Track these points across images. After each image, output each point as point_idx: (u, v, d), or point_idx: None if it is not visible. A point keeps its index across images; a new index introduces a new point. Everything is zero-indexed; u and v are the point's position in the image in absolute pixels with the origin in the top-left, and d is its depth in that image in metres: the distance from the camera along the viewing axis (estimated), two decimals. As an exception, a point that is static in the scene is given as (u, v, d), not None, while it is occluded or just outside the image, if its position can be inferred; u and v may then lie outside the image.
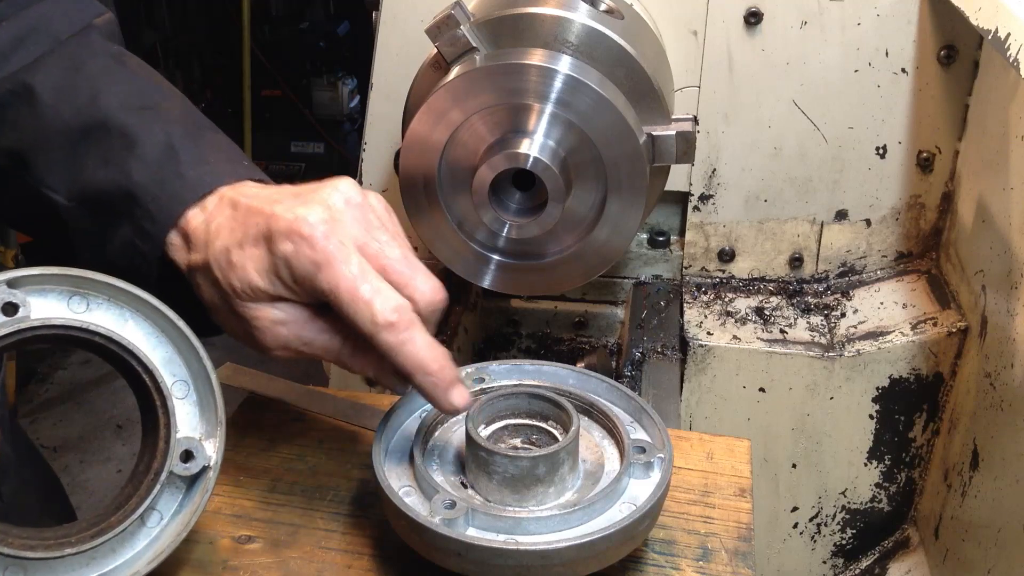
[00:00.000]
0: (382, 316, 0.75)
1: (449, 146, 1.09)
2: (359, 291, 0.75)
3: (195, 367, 0.78)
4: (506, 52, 1.08)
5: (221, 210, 0.82)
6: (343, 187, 0.81)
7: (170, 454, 0.75)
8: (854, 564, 1.56)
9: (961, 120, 1.39)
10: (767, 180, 1.44)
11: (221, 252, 0.79)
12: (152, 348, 0.76)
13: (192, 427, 0.78)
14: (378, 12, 1.43)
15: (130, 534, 0.75)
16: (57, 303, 0.73)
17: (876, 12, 1.33)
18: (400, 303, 0.76)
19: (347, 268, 0.76)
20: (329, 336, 0.82)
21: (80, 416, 3.53)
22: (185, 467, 0.76)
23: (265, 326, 0.81)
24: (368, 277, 0.76)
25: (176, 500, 0.78)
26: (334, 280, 0.76)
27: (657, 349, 1.36)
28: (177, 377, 0.77)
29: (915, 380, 1.41)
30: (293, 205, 0.78)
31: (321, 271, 0.76)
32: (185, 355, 0.77)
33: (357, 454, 0.98)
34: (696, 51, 1.37)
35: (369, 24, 1.47)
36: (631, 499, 0.80)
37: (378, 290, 0.76)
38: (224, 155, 0.88)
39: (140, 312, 0.76)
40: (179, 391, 0.77)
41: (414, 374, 0.78)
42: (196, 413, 0.78)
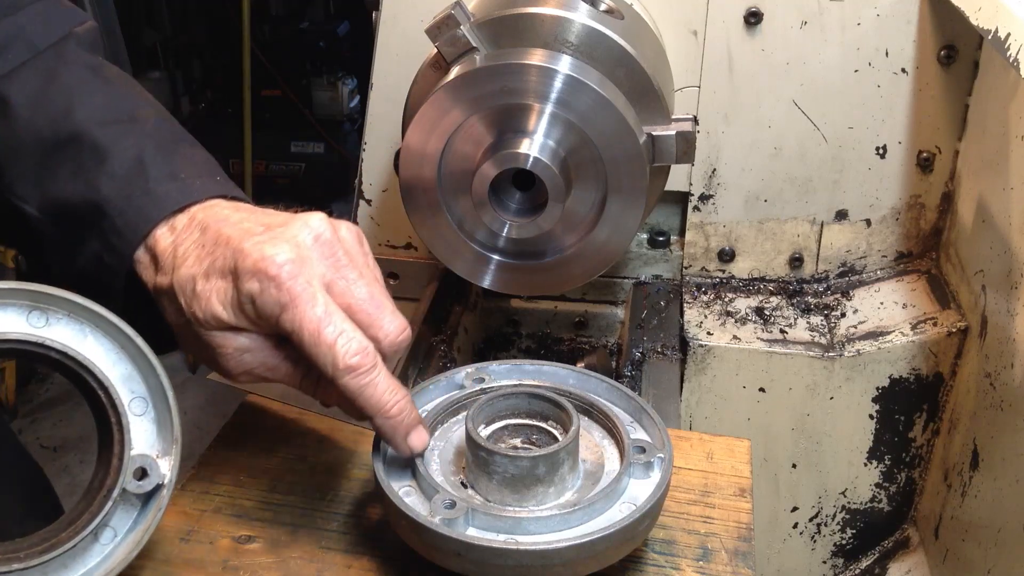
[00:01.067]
0: (343, 361, 0.76)
1: (449, 146, 1.09)
2: (323, 334, 0.76)
3: (153, 384, 0.77)
4: (506, 52, 1.08)
5: (190, 233, 0.82)
6: (313, 223, 0.80)
7: (124, 471, 0.75)
8: (854, 564, 1.56)
9: (961, 120, 1.39)
10: (767, 180, 1.44)
11: (187, 280, 0.80)
12: (111, 364, 0.76)
13: (148, 444, 0.77)
14: (378, 12, 1.43)
15: (82, 550, 0.75)
16: (16, 317, 0.73)
17: (876, 12, 1.33)
18: (362, 346, 0.77)
19: (312, 310, 0.76)
20: (292, 365, 0.83)
21: (80, 416, 3.53)
22: (139, 484, 0.76)
23: (229, 353, 0.81)
24: (333, 319, 0.76)
25: (130, 517, 0.77)
26: (298, 321, 0.76)
27: (657, 349, 1.36)
28: (135, 394, 0.77)
29: (915, 380, 1.41)
30: (261, 241, 0.78)
31: (285, 311, 0.76)
32: (144, 372, 0.77)
33: (357, 454, 0.98)
34: (696, 51, 1.37)
35: (369, 24, 1.47)
36: (631, 499, 0.80)
37: (342, 332, 0.76)
38: (197, 170, 0.87)
39: (100, 328, 0.76)
40: (137, 408, 0.77)
41: (374, 417, 0.80)
42: (153, 431, 0.78)
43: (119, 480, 0.75)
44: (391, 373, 0.80)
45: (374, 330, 0.79)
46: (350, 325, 0.77)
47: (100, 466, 0.76)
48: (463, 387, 0.92)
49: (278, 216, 0.83)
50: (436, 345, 1.34)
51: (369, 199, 1.54)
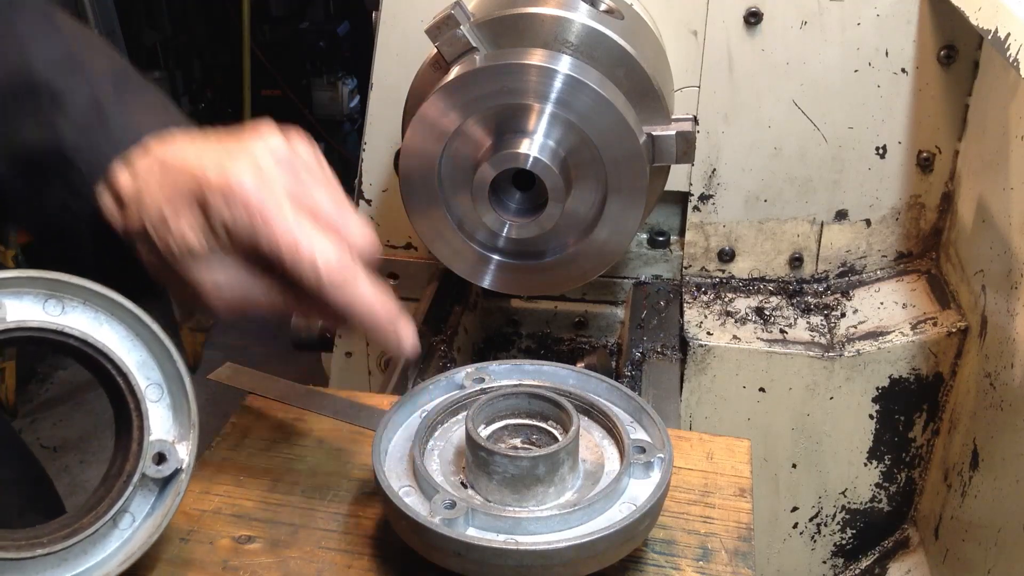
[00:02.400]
0: (326, 273, 0.77)
1: (449, 146, 1.09)
2: (300, 248, 0.76)
3: (169, 370, 0.78)
4: (506, 52, 1.08)
5: (150, 170, 0.82)
6: (270, 140, 0.81)
7: (143, 456, 0.76)
8: (854, 564, 1.56)
9: (961, 120, 1.39)
10: (767, 180, 1.44)
11: (156, 216, 0.80)
12: (127, 351, 0.77)
13: (165, 430, 0.78)
14: (378, 12, 1.43)
15: (102, 536, 0.75)
16: (33, 306, 0.74)
17: (876, 12, 1.33)
18: (341, 254, 0.78)
19: (284, 224, 0.76)
20: (273, 291, 0.83)
21: (80, 416, 3.53)
22: (158, 469, 0.76)
23: (209, 289, 0.81)
24: (305, 231, 0.77)
25: (148, 502, 0.78)
26: (273, 238, 0.76)
27: (657, 349, 1.36)
28: (151, 380, 0.78)
29: (915, 380, 1.41)
30: (221, 161, 0.78)
31: (258, 230, 0.76)
32: (159, 358, 0.78)
33: (357, 454, 0.98)
34: (696, 51, 1.37)
35: (369, 24, 1.47)
36: (631, 499, 0.80)
37: (318, 244, 0.77)
38: (150, 107, 0.88)
39: (115, 315, 0.76)
40: (153, 394, 0.78)
41: (362, 321, 0.80)
42: (169, 416, 0.78)
43: (138, 465, 0.75)
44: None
45: (342, 236, 0.79)
46: (323, 238, 0.78)
47: (118, 452, 0.77)
48: (463, 387, 0.92)
49: (231, 136, 0.84)
50: (436, 345, 1.34)
51: (369, 199, 1.54)
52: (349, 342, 1.63)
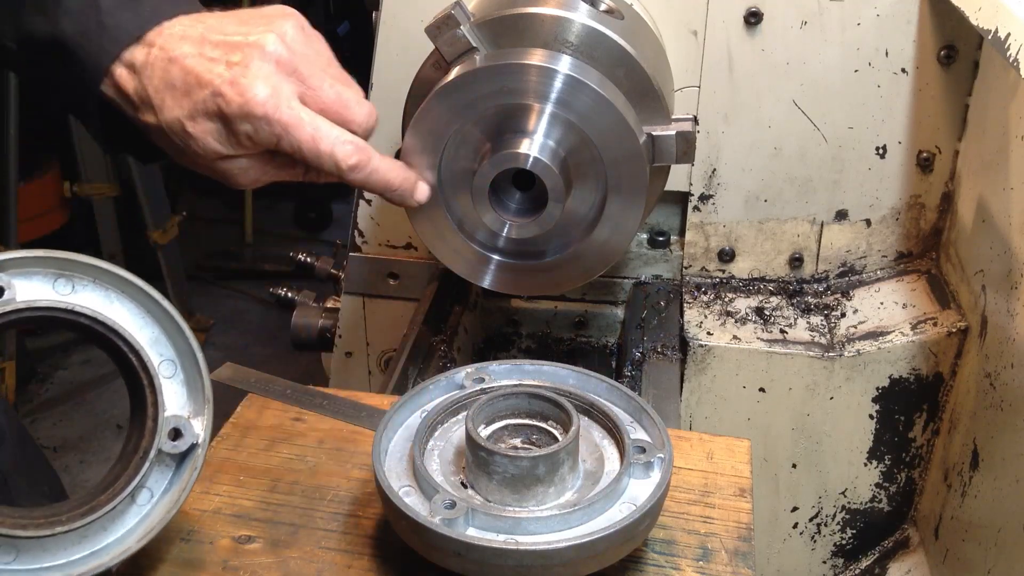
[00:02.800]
0: (345, 162, 0.89)
1: (449, 146, 1.09)
2: (320, 147, 0.87)
3: (181, 346, 0.79)
4: (506, 52, 1.08)
5: (154, 70, 0.85)
6: (270, 47, 0.88)
7: (158, 432, 0.76)
8: (854, 564, 1.56)
9: (961, 120, 1.39)
10: (767, 180, 1.44)
11: (175, 123, 0.85)
12: (138, 328, 0.77)
13: (180, 406, 0.79)
14: (378, 12, 1.43)
15: (120, 512, 0.76)
16: (43, 285, 0.74)
17: (876, 12, 1.33)
18: (356, 143, 0.89)
19: (304, 130, 0.86)
20: (291, 165, 0.94)
21: (80, 416, 3.53)
22: (174, 445, 0.77)
23: (234, 173, 0.91)
24: (321, 130, 0.87)
25: (166, 478, 0.79)
26: (296, 143, 0.87)
27: (657, 349, 1.36)
28: (164, 357, 0.78)
29: (915, 380, 1.41)
30: (234, 75, 0.84)
31: (282, 139, 0.87)
32: (171, 335, 0.78)
33: (357, 454, 0.98)
34: (696, 51, 1.37)
35: (369, 24, 1.47)
36: (631, 499, 0.80)
37: (335, 140, 0.87)
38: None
39: (125, 293, 0.77)
40: (166, 371, 0.78)
41: (384, 193, 0.97)
42: (184, 392, 0.79)
43: (154, 441, 0.76)
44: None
45: (348, 124, 0.91)
46: (337, 130, 0.88)
47: (134, 430, 0.78)
48: (463, 387, 0.92)
49: (231, 30, 0.88)
50: (436, 345, 1.34)
51: (369, 199, 1.54)
52: (349, 342, 1.63)
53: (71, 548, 0.74)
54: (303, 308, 1.70)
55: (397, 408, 0.88)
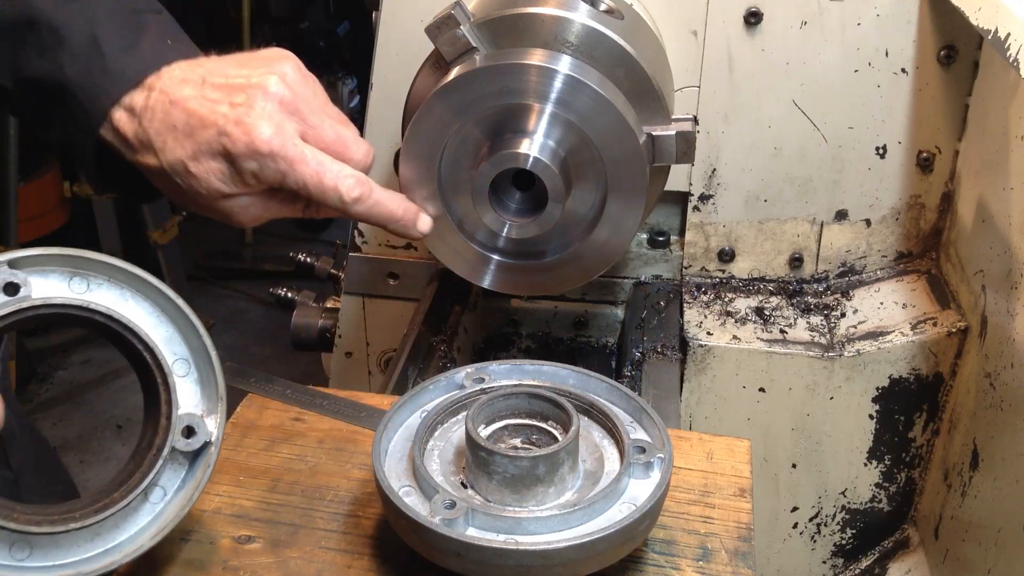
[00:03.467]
0: (348, 196, 0.90)
1: (449, 146, 1.09)
2: (324, 182, 0.89)
3: (195, 345, 0.79)
4: (506, 52, 1.08)
5: (154, 113, 0.86)
6: (272, 88, 0.88)
7: (172, 430, 0.76)
8: (854, 564, 1.56)
9: (961, 120, 1.39)
10: (767, 180, 1.44)
11: (177, 164, 0.86)
12: (152, 327, 0.78)
13: (193, 404, 0.79)
14: (378, 12, 1.43)
15: (133, 509, 0.76)
16: (58, 283, 0.74)
17: (876, 12, 1.33)
18: (358, 177, 0.91)
19: (307, 167, 0.88)
20: (292, 201, 0.95)
21: (80, 416, 3.53)
22: (187, 443, 0.77)
23: (235, 211, 0.92)
24: (325, 165, 0.89)
25: (179, 476, 0.79)
26: (301, 179, 0.88)
27: (657, 349, 1.36)
28: (178, 355, 0.79)
29: (915, 380, 1.41)
30: (238, 115, 0.85)
31: (287, 176, 0.88)
32: (185, 333, 0.79)
33: (357, 454, 0.98)
34: (696, 51, 1.37)
35: (369, 24, 1.47)
36: (631, 499, 0.80)
37: (337, 174, 0.89)
38: (149, 39, 0.90)
39: (140, 292, 0.77)
40: (180, 369, 0.78)
41: (387, 225, 0.98)
42: (197, 391, 0.79)
43: (168, 439, 0.76)
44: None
45: (347, 161, 0.92)
46: (339, 165, 0.90)
47: (148, 427, 0.78)
48: (463, 387, 0.92)
49: (232, 73, 0.89)
50: (436, 345, 1.34)
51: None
52: (349, 342, 1.63)
53: (85, 545, 0.74)
54: (303, 308, 1.70)
55: (397, 408, 0.88)
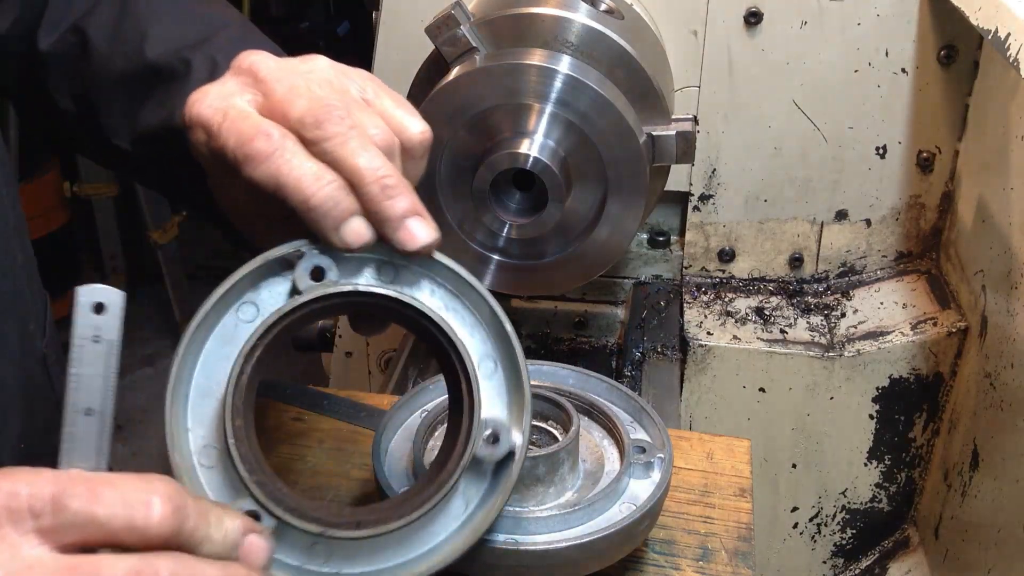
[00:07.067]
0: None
1: (449, 146, 1.09)
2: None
3: (504, 349, 0.72)
4: (506, 52, 1.08)
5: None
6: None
7: (474, 436, 0.69)
8: (854, 564, 1.56)
9: (961, 120, 1.39)
10: (767, 180, 1.44)
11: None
12: (459, 325, 0.72)
13: (499, 410, 0.72)
14: (378, 12, 1.43)
15: (431, 519, 0.69)
16: (368, 270, 0.70)
17: (876, 12, 1.33)
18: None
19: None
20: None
21: (80, 416, 3.52)
22: (491, 451, 0.69)
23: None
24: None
25: (480, 488, 0.71)
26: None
27: (657, 349, 1.36)
28: (484, 353, 0.72)
29: (915, 380, 1.41)
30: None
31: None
32: (496, 338, 0.72)
33: (357, 454, 0.98)
34: (696, 51, 1.37)
35: (369, 24, 1.47)
36: (631, 499, 0.80)
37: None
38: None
39: (445, 286, 0.72)
40: (486, 369, 0.72)
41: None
42: (504, 396, 0.72)
43: (468, 446, 0.69)
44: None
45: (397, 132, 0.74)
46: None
47: (450, 433, 0.72)
48: (463, 387, 0.92)
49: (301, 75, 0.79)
50: (436, 345, 1.34)
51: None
52: (349, 342, 1.63)
53: (383, 553, 0.68)
54: (303, 308, 1.70)
55: (397, 408, 0.88)
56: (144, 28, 0.88)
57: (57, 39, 0.91)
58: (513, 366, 0.72)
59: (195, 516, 0.57)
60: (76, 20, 0.90)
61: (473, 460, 0.69)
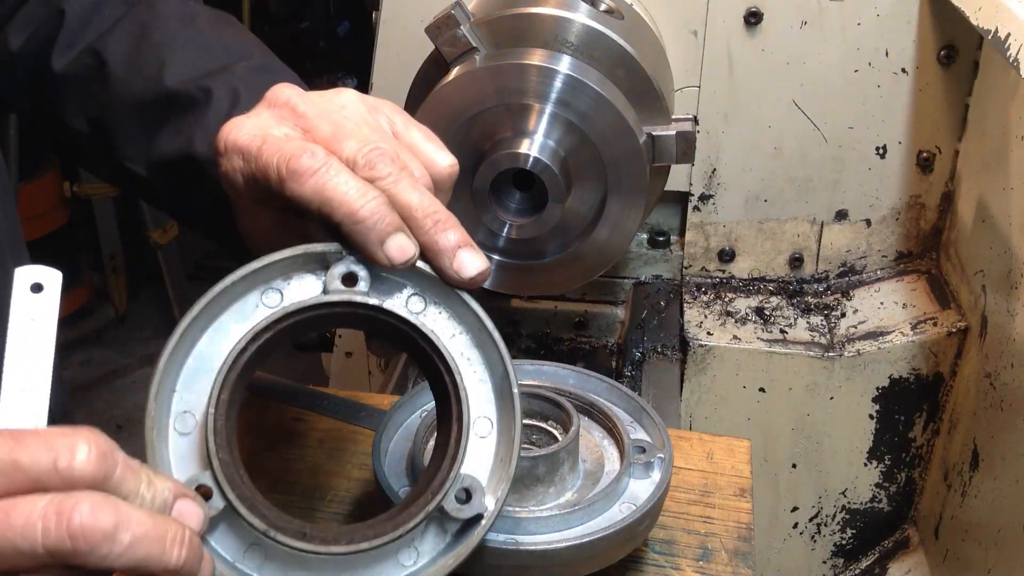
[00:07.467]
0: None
1: (449, 146, 1.08)
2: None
3: (505, 409, 0.70)
4: (506, 52, 1.08)
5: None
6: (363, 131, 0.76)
7: (447, 487, 0.66)
8: (854, 564, 1.56)
9: (961, 120, 1.39)
10: (767, 180, 1.44)
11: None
12: (470, 376, 0.70)
13: (480, 466, 0.69)
14: (378, 12, 1.43)
15: (377, 560, 0.66)
16: (398, 296, 0.69)
17: (876, 12, 1.33)
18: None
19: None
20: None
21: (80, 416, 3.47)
22: (458, 508, 0.66)
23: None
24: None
25: (439, 544, 0.68)
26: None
27: (657, 349, 1.36)
28: (482, 414, 0.70)
29: (915, 380, 1.41)
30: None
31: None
32: (502, 398, 0.70)
33: (357, 454, 0.98)
34: (696, 51, 1.37)
35: (369, 24, 1.47)
36: (631, 499, 0.80)
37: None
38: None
39: (468, 328, 0.71)
40: (481, 429, 0.70)
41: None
42: (492, 455, 0.70)
43: (438, 496, 0.66)
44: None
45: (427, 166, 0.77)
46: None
47: (432, 461, 0.70)
48: (463, 387, 0.92)
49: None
50: (436, 345, 1.34)
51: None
52: (349, 342, 1.63)
53: (320, 572, 0.65)
54: (303, 308, 1.70)
55: (397, 408, 0.88)
56: (163, 55, 0.87)
57: (72, 60, 0.90)
58: (508, 433, 0.69)
59: (123, 467, 0.56)
60: (92, 42, 0.90)
61: (440, 511, 0.66)
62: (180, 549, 0.56)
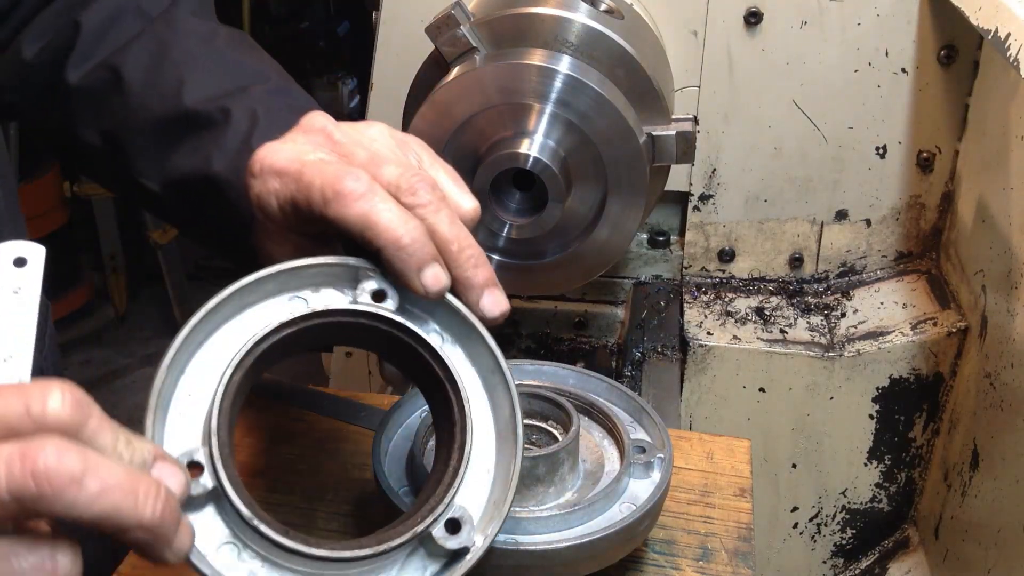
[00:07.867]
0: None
1: (449, 146, 1.09)
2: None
3: (506, 460, 0.69)
4: (506, 52, 1.08)
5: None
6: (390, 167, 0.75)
7: (437, 513, 0.65)
8: (854, 564, 1.56)
9: (961, 120, 1.39)
10: (767, 180, 1.44)
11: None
12: (479, 417, 0.70)
13: (472, 500, 0.68)
14: (378, 12, 1.43)
15: (359, 573, 0.64)
16: (423, 327, 0.70)
17: (876, 12, 1.33)
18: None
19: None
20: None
21: (80, 416, 3.52)
22: (445, 537, 0.65)
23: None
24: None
25: (420, 570, 0.66)
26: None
27: (657, 349, 1.36)
28: (485, 454, 0.69)
29: (915, 380, 1.41)
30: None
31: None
32: (502, 444, 0.70)
33: (357, 454, 0.98)
34: (696, 51, 1.37)
35: (369, 24, 1.47)
36: (631, 499, 0.80)
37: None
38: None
39: (480, 370, 0.72)
40: (478, 468, 0.69)
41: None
42: (487, 492, 0.69)
43: (426, 521, 0.64)
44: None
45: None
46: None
47: (430, 481, 0.69)
48: (463, 387, 0.92)
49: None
50: (436, 345, 1.34)
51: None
52: (349, 342, 1.63)
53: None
54: (303, 308, 1.70)
55: (397, 408, 0.88)
56: (183, 73, 0.87)
57: (87, 73, 0.90)
58: (505, 478, 0.68)
59: (99, 419, 0.54)
60: (108, 56, 0.89)
61: (428, 537, 0.65)
62: (155, 504, 0.53)
